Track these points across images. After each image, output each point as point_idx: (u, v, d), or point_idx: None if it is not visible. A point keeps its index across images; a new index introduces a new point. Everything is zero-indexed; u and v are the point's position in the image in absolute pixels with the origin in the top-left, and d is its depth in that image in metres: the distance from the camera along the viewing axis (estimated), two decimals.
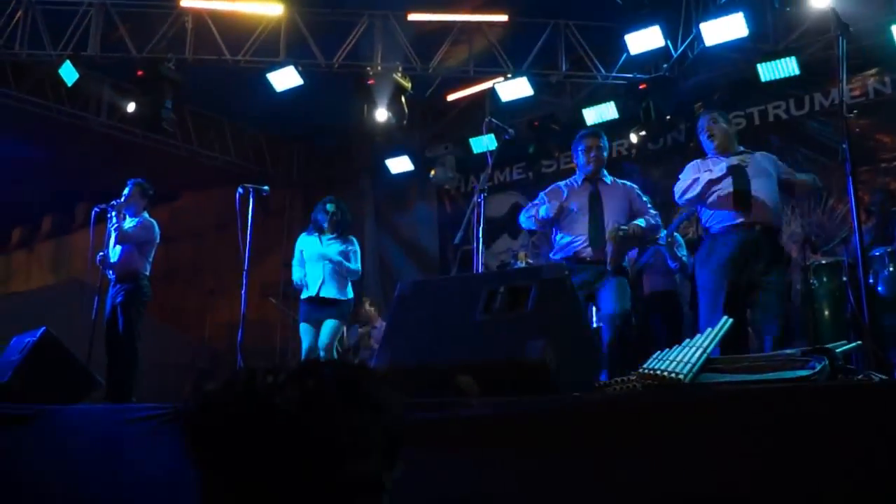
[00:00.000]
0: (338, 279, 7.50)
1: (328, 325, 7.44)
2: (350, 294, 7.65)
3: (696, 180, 5.55)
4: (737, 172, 5.42)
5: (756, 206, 5.36)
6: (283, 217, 13.34)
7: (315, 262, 7.53)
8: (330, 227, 7.60)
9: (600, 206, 5.88)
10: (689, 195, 5.59)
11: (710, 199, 5.51)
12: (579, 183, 6.07)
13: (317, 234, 7.64)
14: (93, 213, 7.78)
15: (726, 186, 5.45)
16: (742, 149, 5.77)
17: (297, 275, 7.62)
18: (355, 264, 7.58)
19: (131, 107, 10.64)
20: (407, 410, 1.48)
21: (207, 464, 1.29)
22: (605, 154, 6.18)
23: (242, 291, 6.92)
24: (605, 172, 6.13)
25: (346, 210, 7.78)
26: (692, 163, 5.79)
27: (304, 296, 7.56)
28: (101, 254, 7.79)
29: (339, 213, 7.65)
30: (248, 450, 1.26)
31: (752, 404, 2.64)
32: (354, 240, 7.74)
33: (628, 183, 6.24)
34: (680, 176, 5.78)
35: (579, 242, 5.78)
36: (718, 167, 5.46)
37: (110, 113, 11.56)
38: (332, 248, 7.52)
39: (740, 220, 5.38)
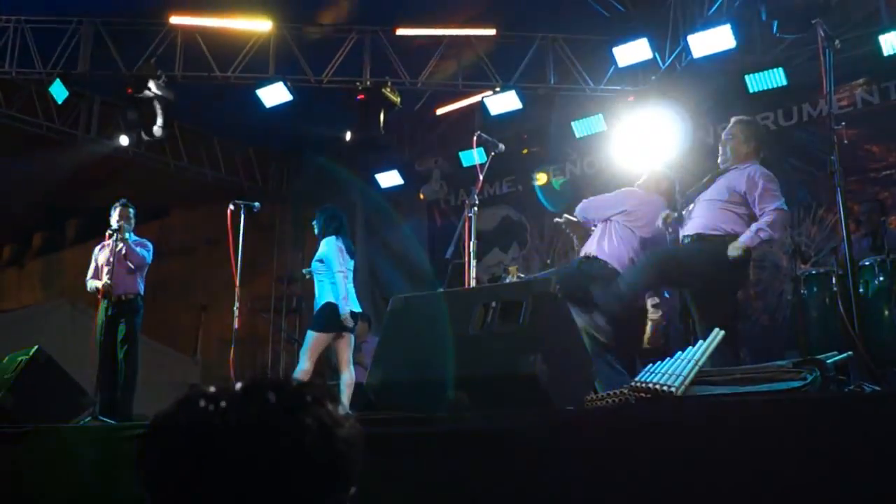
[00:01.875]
0: (319, 287, 7.51)
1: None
2: (324, 299, 7.48)
3: None
4: None
5: None
6: (274, 232, 13.33)
7: None
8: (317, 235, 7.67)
9: None
10: None
11: None
12: None
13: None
14: (107, 235, 7.83)
15: None
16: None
17: None
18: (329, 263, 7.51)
19: (123, 123, 10.63)
20: (398, 424, 1.49)
21: (153, 486, 1.28)
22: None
23: (234, 307, 6.92)
24: None
25: (321, 215, 7.75)
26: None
27: None
28: (104, 283, 7.76)
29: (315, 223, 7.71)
30: (192, 474, 1.24)
31: (743, 416, 2.65)
32: (323, 241, 7.64)
33: None
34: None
35: None
36: None
37: (100, 130, 11.55)
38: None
39: None
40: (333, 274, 7.40)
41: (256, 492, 1.24)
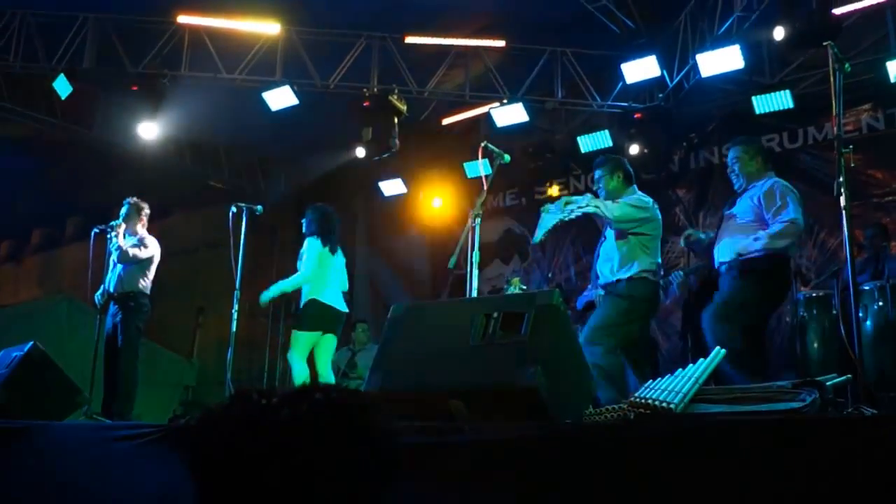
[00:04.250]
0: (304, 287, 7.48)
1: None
2: (306, 297, 7.37)
3: None
4: None
5: None
6: (275, 236, 13.30)
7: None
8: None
9: None
10: None
11: None
12: None
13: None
14: (92, 234, 7.72)
15: None
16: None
17: None
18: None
19: (130, 121, 10.63)
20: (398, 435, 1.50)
21: (204, 480, 1.33)
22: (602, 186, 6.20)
23: (233, 310, 6.89)
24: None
25: (309, 214, 7.65)
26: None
27: None
28: (100, 292, 7.74)
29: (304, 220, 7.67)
30: (242, 468, 1.29)
31: (741, 435, 2.64)
32: (306, 240, 7.54)
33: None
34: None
35: None
36: None
37: (103, 127, 11.52)
38: None
39: None
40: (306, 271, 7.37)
41: (301, 484, 1.30)
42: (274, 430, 1.31)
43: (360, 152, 10.40)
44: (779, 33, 8.04)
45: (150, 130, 10.39)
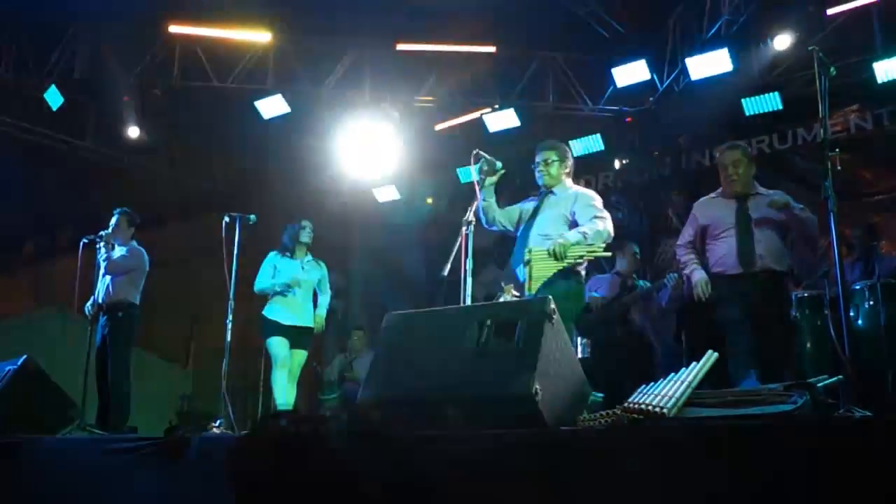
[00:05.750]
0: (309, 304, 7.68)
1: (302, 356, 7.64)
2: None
3: None
4: None
5: None
6: (269, 244, 13.26)
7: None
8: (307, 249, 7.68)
9: None
10: None
11: None
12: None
13: (289, 255, 7.71)
14: (80, 244, 7.71)
15: None
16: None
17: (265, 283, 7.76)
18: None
19: (118, 131, 10.64)
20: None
21: (240, 495, 1.39)
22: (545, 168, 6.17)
23: (227, 320, 6.90)
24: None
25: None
26: None
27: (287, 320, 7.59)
28: (89, 303, 7.74)
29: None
30: (277, 485, 1.34)
31: (733, 439, 2.66)
32: (321, 262, 7.92)
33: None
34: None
35: None
36: None
37: (95, 138, 11.51)
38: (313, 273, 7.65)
39: None
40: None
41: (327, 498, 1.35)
42: (297, 447, 1.35)
43: None
44: (781, 42, 8.09)
45: (141, 139, 10.40)
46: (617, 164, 10.69)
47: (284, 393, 7.41)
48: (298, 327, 7.58)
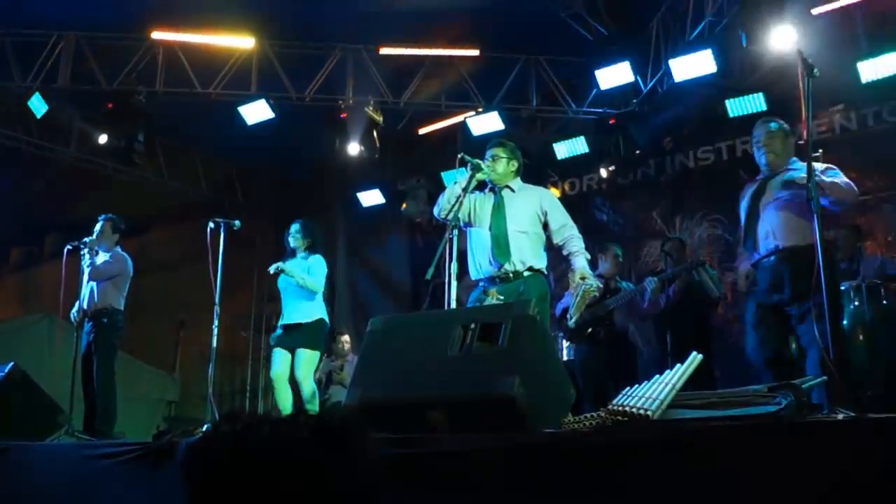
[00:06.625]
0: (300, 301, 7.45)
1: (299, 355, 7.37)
2: (310, 317, 7.37)
3: None
4: None
5: None
6: (255, 249, 13.27)
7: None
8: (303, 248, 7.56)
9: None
10: None
11: None
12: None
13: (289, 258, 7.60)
14: (65, 250, 7.67)
15: None
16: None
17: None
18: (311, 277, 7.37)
19: (103, 138, 10.63)
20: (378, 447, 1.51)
21: (194, 497, 1.35)
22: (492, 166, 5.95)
23: (213, 325, 6.88)
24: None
25: (312, 229, 7.69)
26: None
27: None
28: (75, 310, 7.70)
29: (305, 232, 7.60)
30: (230, 490, 1.31)
31: (717, 440, 2.67)
32: (315, 257, 7.51)
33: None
34: None
35: None
36: None
37: (80, 145, 11.48)
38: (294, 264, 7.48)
39: None
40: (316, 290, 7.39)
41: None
42: (254, 453, 1.32)
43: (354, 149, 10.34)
44: (765, 43, 8.12)
45: (120, 146, 10.37)
46: (601, 167, 10.69)
47: (282, 401, 7.30)
48: (287, 325, 7.44)
